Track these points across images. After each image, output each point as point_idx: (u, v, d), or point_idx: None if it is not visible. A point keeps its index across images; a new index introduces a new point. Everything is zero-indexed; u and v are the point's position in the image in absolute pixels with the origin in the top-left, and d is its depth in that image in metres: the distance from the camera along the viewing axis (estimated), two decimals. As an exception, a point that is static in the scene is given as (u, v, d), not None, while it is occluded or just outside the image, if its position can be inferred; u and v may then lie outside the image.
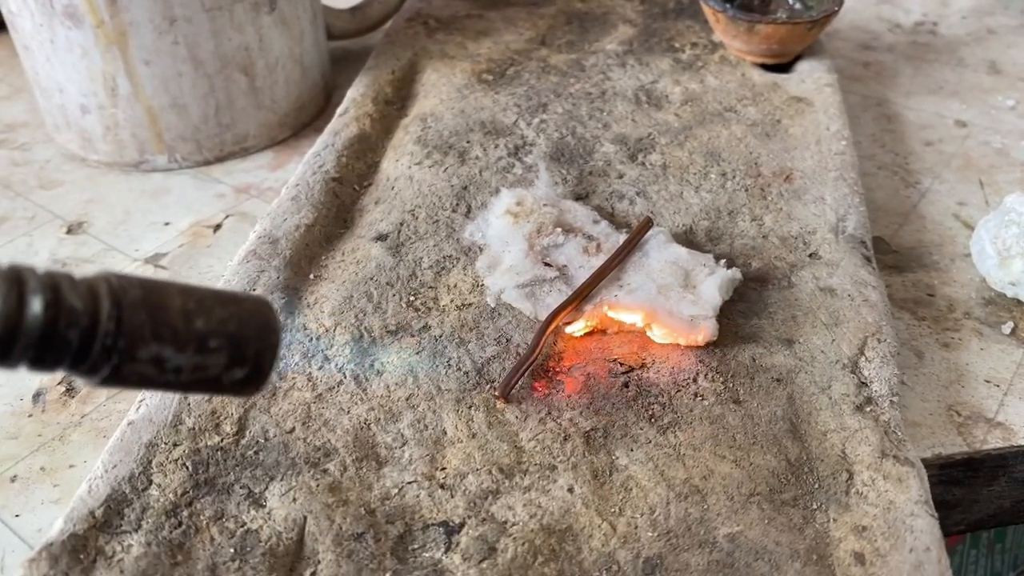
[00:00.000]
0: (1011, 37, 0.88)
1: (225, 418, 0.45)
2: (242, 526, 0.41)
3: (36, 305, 0.29)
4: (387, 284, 0.53)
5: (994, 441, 0.48)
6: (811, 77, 0.72)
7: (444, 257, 0.55)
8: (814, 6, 0.74)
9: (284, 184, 0.61)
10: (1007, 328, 0.54)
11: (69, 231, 0.65)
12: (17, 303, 0.29)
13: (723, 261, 0.53)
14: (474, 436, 0.45)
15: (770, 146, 0.64)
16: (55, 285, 0.29)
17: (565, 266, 0.53)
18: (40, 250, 0.63)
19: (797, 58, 0.75)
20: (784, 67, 0.74)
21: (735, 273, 0.52)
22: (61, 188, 0.70)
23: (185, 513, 0.41)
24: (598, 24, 0.82)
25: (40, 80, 0.69)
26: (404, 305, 0.52)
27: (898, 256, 0.60)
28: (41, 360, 0.30)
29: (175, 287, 0.33)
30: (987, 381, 0.51)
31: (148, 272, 0.61)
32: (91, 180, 0.70)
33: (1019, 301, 0.56)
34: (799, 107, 0.69)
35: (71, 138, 0.72)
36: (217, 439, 0.44)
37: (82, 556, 0.39)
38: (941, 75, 0.82)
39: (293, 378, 0.47)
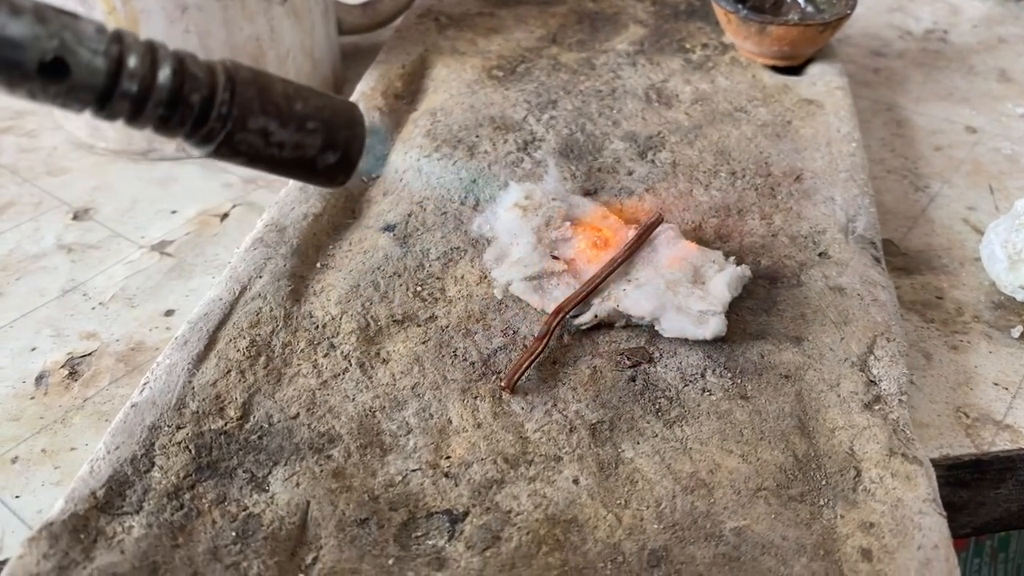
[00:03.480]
0: (1022, 46, 0.88)
1: (229, 402, 0.45)
2: (244, 510, 0.40)
3: (167, 70, 0.35)
4: (394, 274, 0.53)
5: (1002, 443, 0.47)
6: (822, 80, 0.72)
7: (452, 249, 0.55)
8: (826, 9, 0.74)
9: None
10: (1016, 332, 0.54)
11: (75, 217, 0.65)
12: (151, 68, 0.35)
13: (732, 258, 0.52)
14: (479, 426, 0.44)
15: (780, 146, 0.64)
16: (181, 58, 0.36)
17: (573, 260, 0.52)
18: (46, 235, 0.63)
19: (808, 61, 0.75)
20: (795, 70, 0.74)
21: (744, 270, 0.51)
22: (68, 175, 0.70)
23: (187, 496, 0.41)
24: (609, 24, 0.82)
25: (50, 66, 0.69)
26: (411, 295, 0.52)
27: (907, 259, 0.60)
28: (168, 120, 0.36)
29: (277, 76, 0.39)
30: (996, 384, 0.51)
31: (154, 260, 0.60)
32: (99, 168, 0.70)
33: (1029, 305, 0.55)
34: (810, 109, 0.68)
35: (79, 125, 0.71)
36: (221, 423, 0.44)
37: (82, 536, 0.38)
38: (951, 82, 0.82)
39: (298, 364, 0.47)
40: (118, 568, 0.37)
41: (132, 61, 0.34)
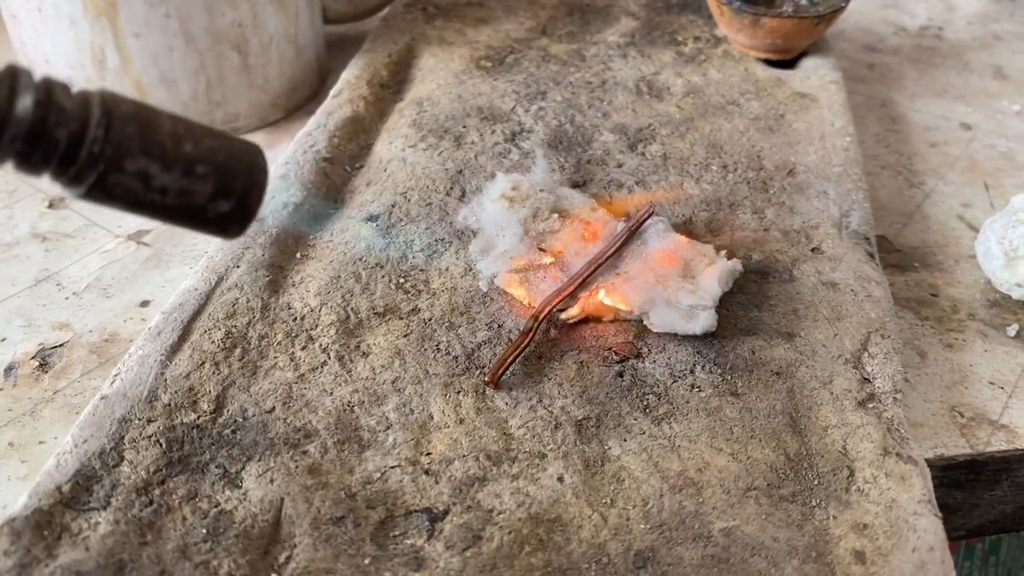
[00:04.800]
0: (1017, 44, 0.87)
1: (202, 395, 0.43)
2: (216, 506, 0.39)
3: (27, 99, 0.30)
4: (376, 265, 0.52)
5: (997, 443, 0.46)
6: (816, 74, 0.71)
7: (436, 240, 0.54)
8: (820, 2, 0.73)
9: (273, 164, 0.60)
10: (1012, 330, 0.53)
11: (51, 206, 0.63)
12: (8, 95, 0.30)
13: (723, 252, 0.51)
14: (461, 421, 0.43)
15: (773, 140, 0.63)
16: (49, 87, 0.31)
17: (561, 252, 0.51)
18: (20, 223, 0.61)
19: (802, 55, 0.73)
20: (788, 63, 0.73)
21: (736, 264, 0.50)
22: (45, 162, 0.68)
23: (157, 491, 0.39)
24: (600, 16, 0.81)
25: (27, 50, 0.68)
26: (393, 287, 0.50)
27: (901, 255, 0.59)
28: (28, 156, 0.31)
29: (167, 113, 0.33)
30: (991, 383, 0.50)
31: (131, 250, 0.59)
32: (76, 155, 0.68)
33: (1025, 303, 0.54)
34: (803, 103, 0.67)
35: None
36: (193, 416, 0.42)
37: (46, 533, 0.37)
38: (946, 78, 0.81)
39: (275, 357, 0.46)
40: (83, 566, 0.36)
41: None
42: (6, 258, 0.58)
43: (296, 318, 0.48)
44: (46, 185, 0.65)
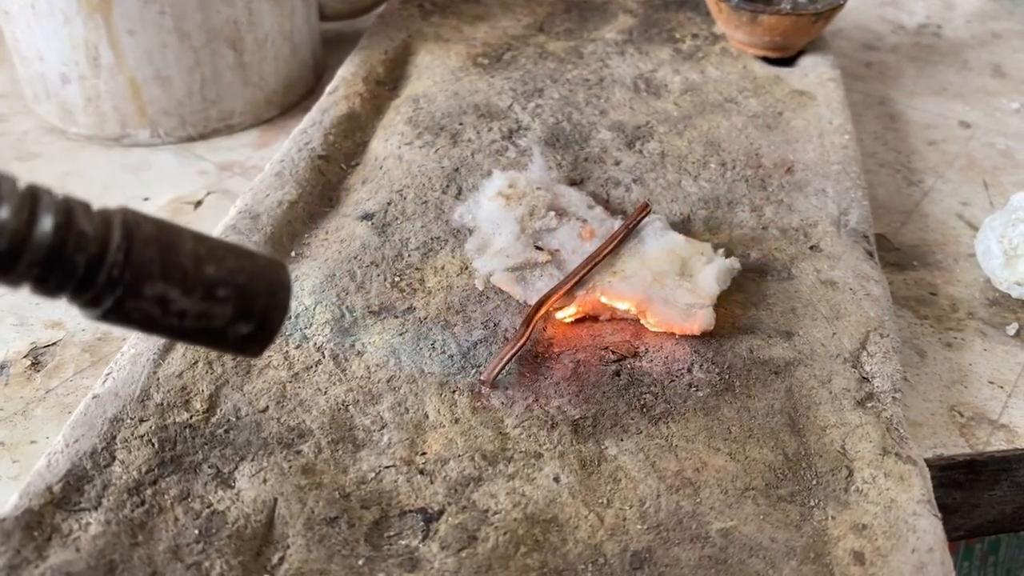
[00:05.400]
0: (1016, 42, 0.86)
1: (195, 395, 0.43)
2: (208, 507, 0.38)
3: (47, 223, 0.29)
4: (371, 264, 0.51)
5: (997, 443, 0.46)
6: (814, 71, 0.70)
7: (432, 238, 0.53)
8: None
9: (268, 162, 0.59)
10: (1012, 329, 0.52)
11: (44, 203, 0.62)
12: (28, 219, 0.28)
13: (721, 250, 0.51)
14: (457, 421, 0.43)
15: (771, 138, 0.63)
16: (69, 209, 0.29)
17: (558, 250, 0.51)
18: (13, 221, 0.61)
19: (800, 53, 0.73)
20: (787, 61, 0.73)
21: (733, 262, 0.50)
22: (39, 160, 0.67)
23: (149, 492, 0.39)
24: (598, 13, 0.81)
25: (20, 47, 0.67)
26: (388, 286, 0.50)
27: (900, 254, 0.58)
28: (45, 281, 0.30)
29: (189, 232, 0.32)
30: (991, 382, 0.49)
31: (124, 247, 0.58)
32: (70, 153, 0.68)
33: (1024, 302, 0.54)
34: (801, 100, 0.67)
35: (50, 109, 0.69)
36: (186, 416, 0.42)
37: (36, 533, 0.37)
38: (945, 77, 0.80)
39: (269, 356, 0.45)
40: (73, 567, 0.35)
41: (3, 212, 0.28)
42: (-1, 256, 0.57)
43: (290, 316, 0.48)
44: (41, 182, 0.64)
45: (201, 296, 0.31)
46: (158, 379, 0.43)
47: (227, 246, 0.33)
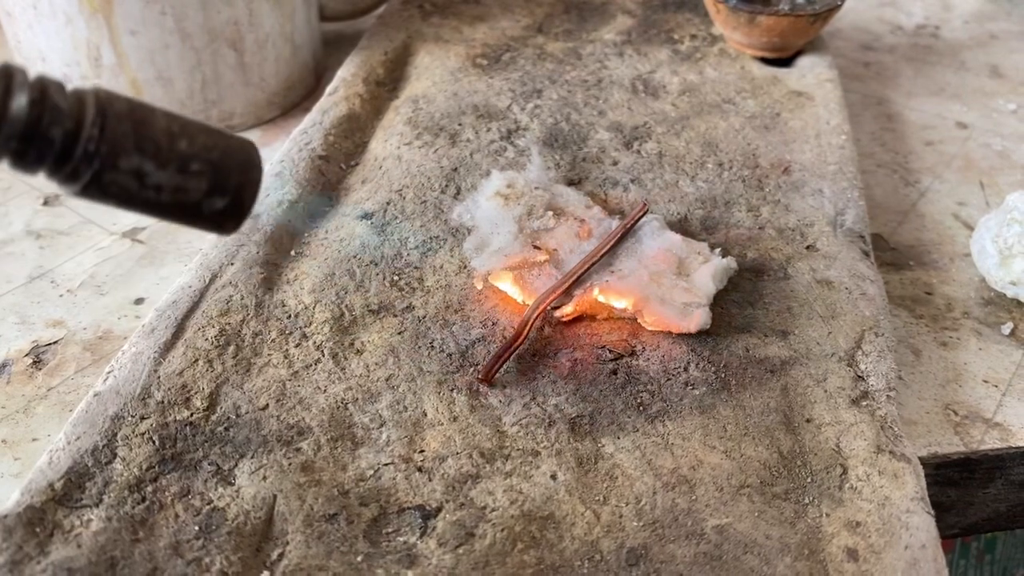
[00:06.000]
0: (1014, 43, 0.87)
1: (196, 392, 0.43)
2: (208, 503, 0.39)
3: (22, 99, 0.31)
4: (371, 263, 0.52)
5: (991, 442, 0.46)
6: (812, 72, 0.71)
7: (431, 238, 0.54)
8: (816, 0, 0.73)
9: (269, 162, 0.60)
10: (1006, 329, 0.53)
11: (46, 203, 0.63)
12: (3, 94, 0.30)
13: (718, 250, 0.51)
14: (455, 419, 0.43)
15: (769, 138, 0.63)
16: (43, 86, 0.31)
17: (555, 250, 0.51)
18: (15, 220, 0.61)
19: (798, 53, 0.73)
20: (784, 62, 0.73)
21: (730, 262, 0.50)
22: (40, 160, 0.68)
23: (149, 489, 0.39)
24: (596, 14, 0.81)
25: (22, 48, 0.67)
26: (388, 285, 0.50)
27: (896, 254, 0.59)
28: (24, 154, 0.31)
29: (161, 110, 0.34)
30: (985, 381, 0.50)
31: (126, 247, 0.59)
32: (71, 153, 0.68)
33: (1019, 302, 0.54)
34: (799, 101, 0.67)
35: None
36: (187, 414, 0.42)
37: (38, 530, 0.37)
38: (942, 77, 0.81)
39: (269, 354, 0.46)
40: (74, 563, 0.36)
41: None
42: (0, 255, 0.58)
43: (290, 315, 0.48)
44: (41, 183, 0.65)
45: (176, 169, 0.33)
46: (159, 377, 0.44)
47: (199, 125, 0.34)
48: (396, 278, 0.51)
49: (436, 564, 0.37)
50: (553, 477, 0.40)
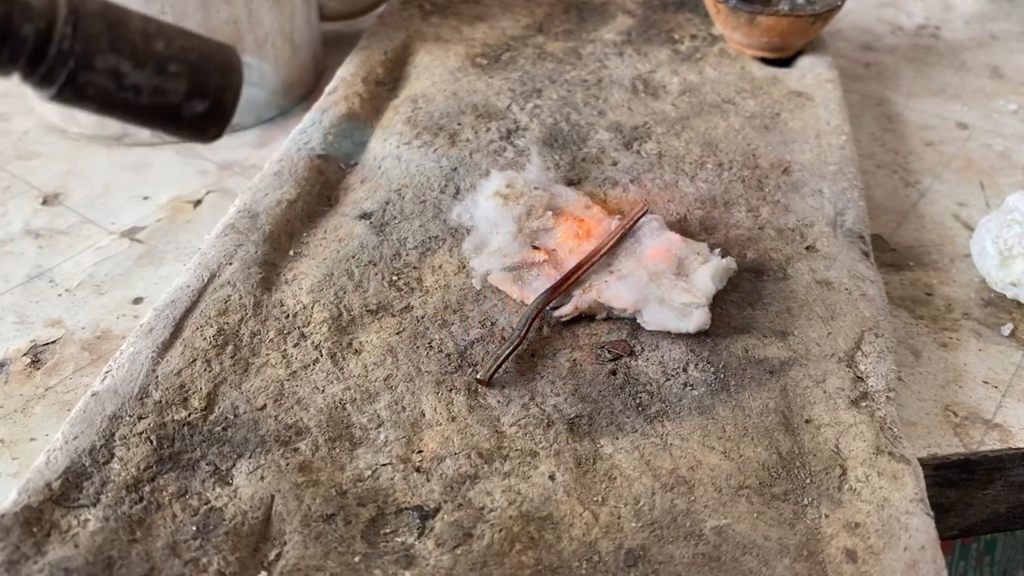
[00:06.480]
0: (1014, 43, 0.86)
1: (193, 392, 0.43)
2: (206, 503, 0.39)
3: None
4: (369, 263, 0.51)
5: (991, 443, 0.46)
6: (812, 72, 0.71)
7: (430, 237, 0.54)
8: (816, 0, 0.73)
9: (268, 161, 0.60)
10: (1006, 330, 0.52)
11: (45, 202, 0.63)
12: None
13: (717, 250, 0.51)
14: (453, 419, 0.43)
15: (768, 139, 0.63)
16: None
17: (555, 250, 0.51)
18: (14, 220, 0.61)
19: (798, 54, 0.73)
20: (785, 62, 0.73)
21: (729, 262, 0.50)
22: (39, 159, 0.68)
23: (147, 488, 0.39)
24: (596, 14, 0.81)
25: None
26: (386, 285, 0.50)
27: (896, 254, 0.58)
28: None
29: (138, 13, 0.34)
30: (985, 382, 0.49)
31: (124, 246, 0.59)
32: (71, 152, 0.68)
33: (1019, 303, 0.54)
34: (799, 101, 0.67)
35: (52, 108, 0.70)
36: (184, 414, 0.42)
37: (35, 530, 0.37)
38: (943, 78, 0.81)
39: (267, 354, 0.46)
40: (71, 563, 0.36)
41: None
42: (-1, 255, 0.58)
43: (288, 315, 0.48)
44: (41, 182, 0.65)
45: (154, 70, 0.33)
46: (157, 377, 0.44)
47: (177, 28, 0.34)
48: (395, 278, 0.51)
49: (434, 565, 0.37)
50: (551, 478, 0.40)
